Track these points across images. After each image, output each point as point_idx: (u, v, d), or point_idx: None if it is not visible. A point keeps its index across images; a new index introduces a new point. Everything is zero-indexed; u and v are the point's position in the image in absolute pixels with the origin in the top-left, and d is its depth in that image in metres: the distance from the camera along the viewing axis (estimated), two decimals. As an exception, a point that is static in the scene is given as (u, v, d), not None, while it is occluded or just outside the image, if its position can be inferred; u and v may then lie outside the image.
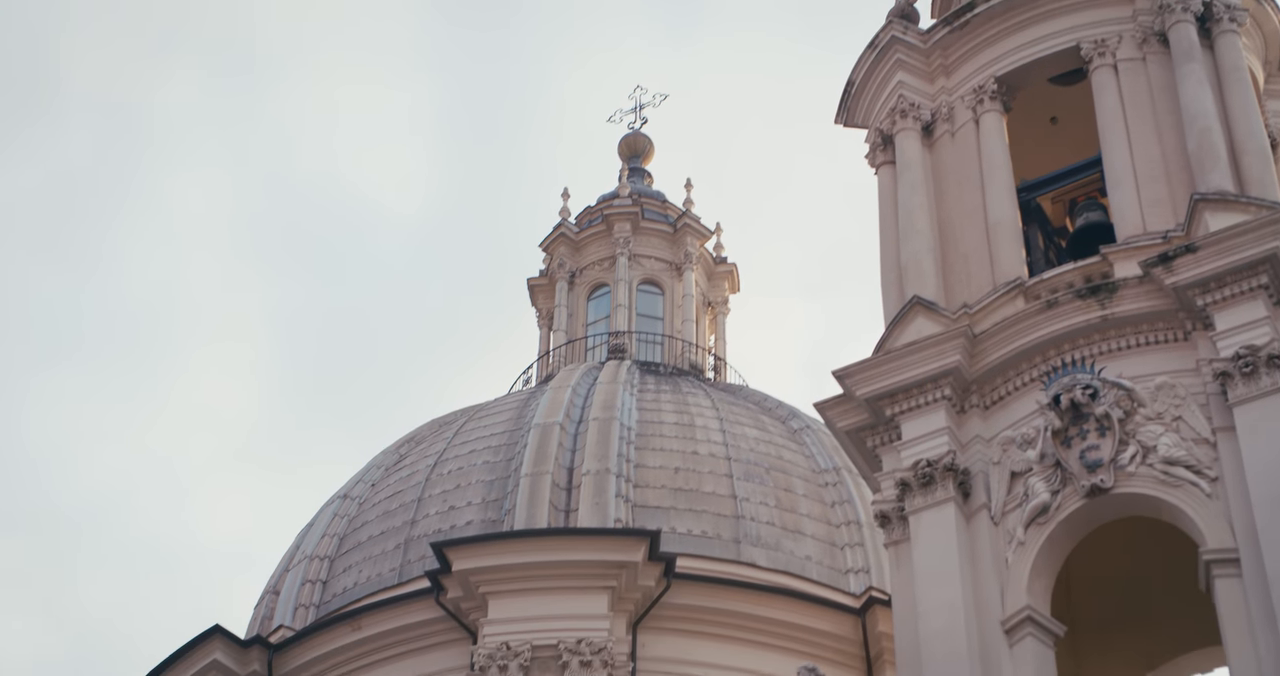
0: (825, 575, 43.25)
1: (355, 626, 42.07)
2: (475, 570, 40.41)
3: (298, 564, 46.52)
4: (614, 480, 43.87)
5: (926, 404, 31.16)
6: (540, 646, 39.53)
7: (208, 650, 42.29)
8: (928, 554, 29.84)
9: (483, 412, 49.05)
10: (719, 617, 40.53)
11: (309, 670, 42.15)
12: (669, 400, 47.79)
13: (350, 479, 49.30)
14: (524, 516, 43.28)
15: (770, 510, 44.29)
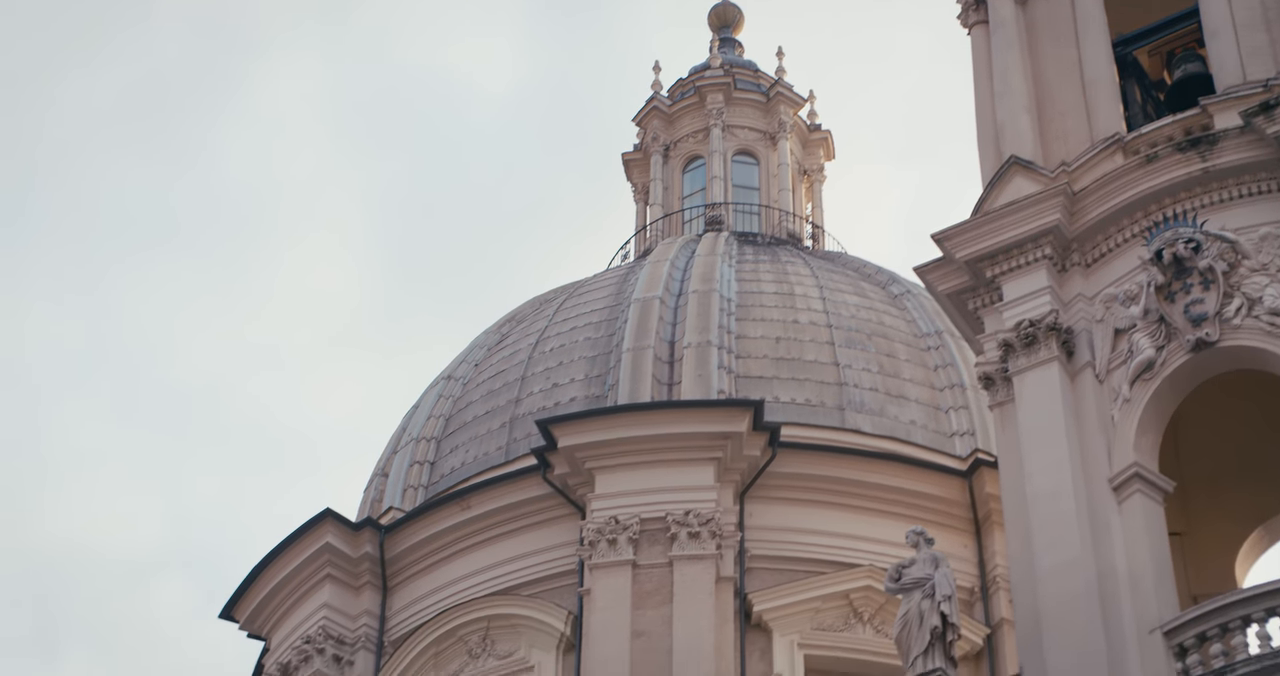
0: (930, 439, 43.15)
1: (464, 506, 42.36)
2: (581, 446, 40.56)
3: (405, 446, 46.85)
4: (715, 352, 43.85)
5: (1027, 264, 31.01)
6: (648, 519, 39.69)
7: (319, 534, 42.72)
8: (1033, 414, 29.78)
9: (582, 289, 49.06)
10: (825, 485, 40.54)
11: (420, 550, 42.51)
12: (768, 270, 47.63)
13: (453, 360, 49.50)
14: (627, 391, 43.37)
15: (873, 376, 44.17)
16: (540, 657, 39.71)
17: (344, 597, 42.69)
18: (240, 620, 44.40)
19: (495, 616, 40.67)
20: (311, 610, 42.62)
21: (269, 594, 43.61)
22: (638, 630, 38.56)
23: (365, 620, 42.39)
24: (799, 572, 39.64)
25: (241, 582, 44.05)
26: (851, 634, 39.10)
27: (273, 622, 43.78)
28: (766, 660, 38.62)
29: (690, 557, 39.10)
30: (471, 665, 40.47)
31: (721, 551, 39.24)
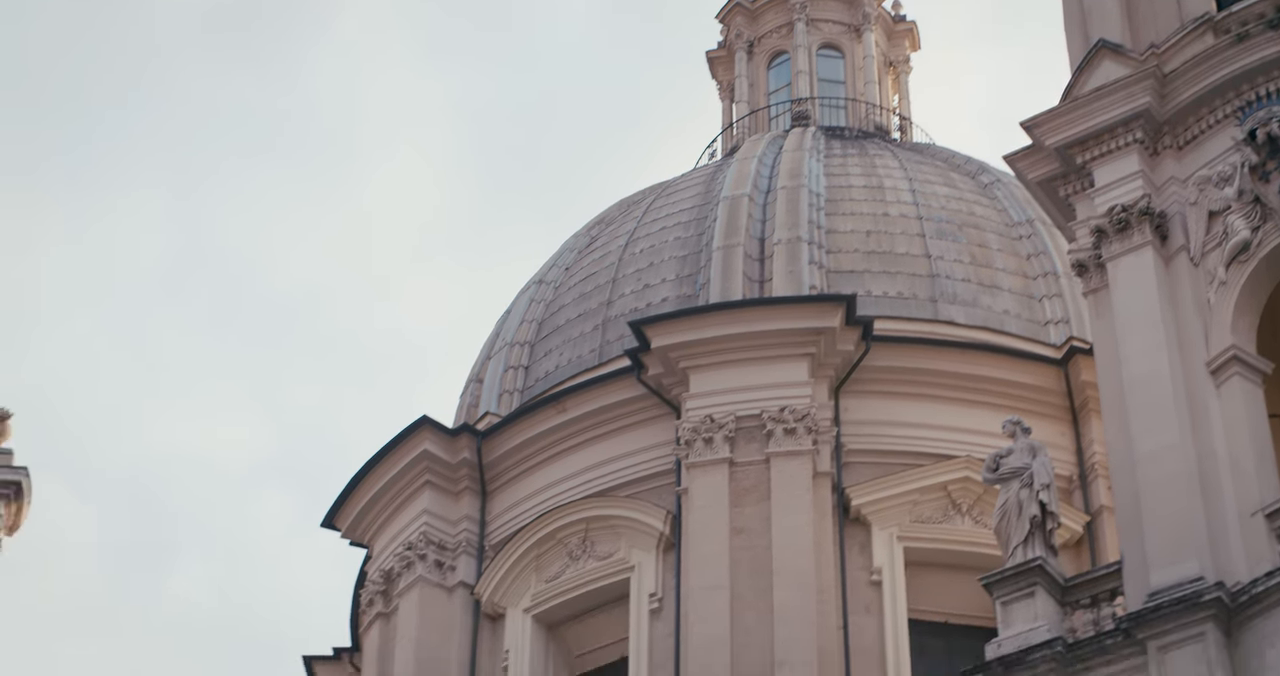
0: (1024, 328, 42.90)
1: (560, 409, 42.48)
2: (674, 346, 40.56)
3: (499, 351, 46.99)
4: (806, 247, 43.67)
5: (1118, 148, 30.72)
6: (744, 417, 39.69)
7: (417, 441, 42.95)
8: (1128, 299, 29.56)
9: (670, 189, 48.93)
10: (920, 377, 40.40)
11: (517, 454, 42.70)
12: (856, 163, 47.35)
13: (544, 264, 49.53)
14: (718, 289, 43.29)
15: (965, 267, 43.91)
16: (640, 557, 39.90)
17: (443, 503, 42.97)
18: (342, 528, 44.77)
19: (594, 518, 40.85)
20: (412, 516, 42.93)
21: (369, 502, 43.95)
22: (736, 527, 38.66)
23: (465, 525, 42.66)
24: (896, 466, 39.60)
25: (341, 491, 44.41)
26: (950, 525, 39.07)
27: (374, 530, 44.14)
28: (866, 554, 38.66)
29: (787, 454, 39.11)
30: (572, 566, 40.70)
31: (818, 447, 39.23)
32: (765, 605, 37.43)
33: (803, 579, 37.58)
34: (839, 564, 38.28)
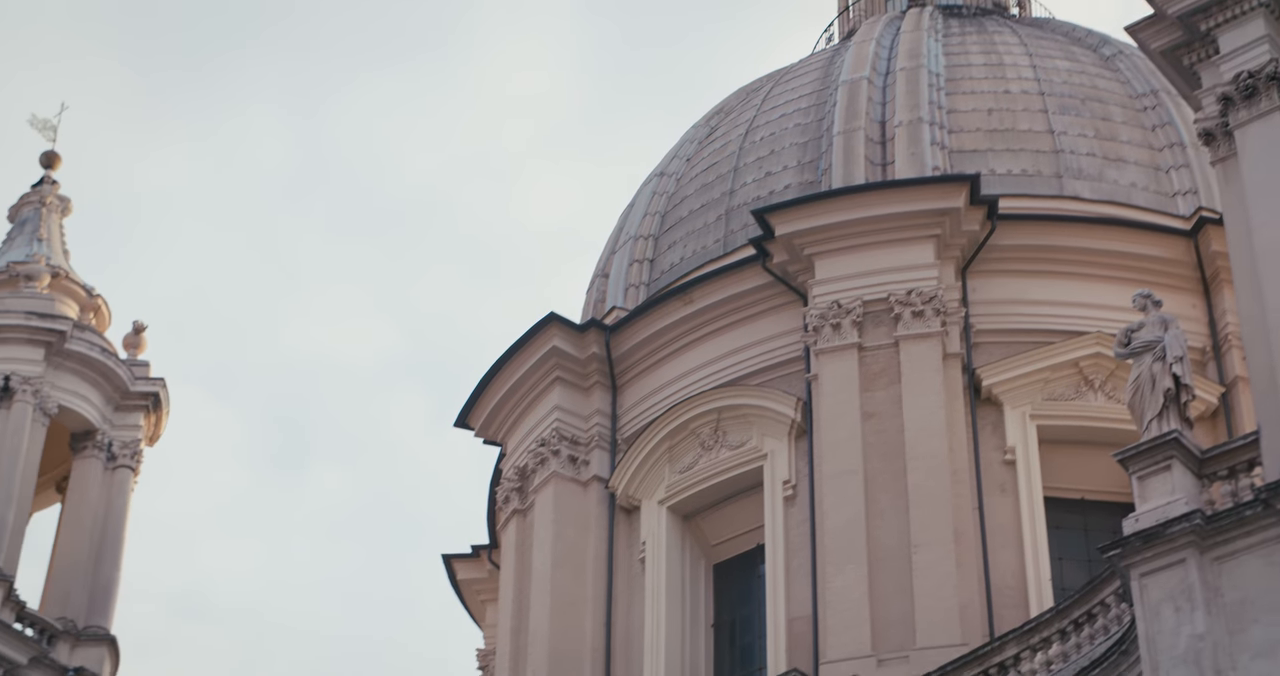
0: (1152, 200, 42.37)
1: (686, 300, 42.47)
2: (798, 233, 40.39)
3: (623, 245, 46.97)
4: (927, 128, 43.27)
5: (1243, 13, 30.15)
6: (871, 301, 39.53)
7: (546, 338, 43.09)
8: (1257, 166, 29.10)
9: (788, 76, 48.58)
10: (1047, 254, 40.04)
11: (645, 347, 42.77)
12: (975, 42, 46.78)
13: (665, 156, 49.39)
14: (841, 174, 43.03)
15: (1089, 141, 43.37)
16: (773, 445, 39.93)
17: (575, 398, 43.14)
18: (475, 427, 45.06)
19: (725, 407, 40.89)
20: (544, 413, 43.14)
21: (501, 400, 44.19)
22: (868, 412, 38.59)
23: (597, 419, 42.83)
24: (1026, 344, 39.33)
25: (473, 391, 44.67)
26: (1083, 402, 38.79)
27: (507, 427, 44.41)
28: (999, 433, 38.49)
29: (915, 336, 38.94)
30: (705, 457, 40.80)
31: (946, 328, 39.02)
32: (899, 488, 37.42)
33: (935, 461, 37.50)
34: (972, 445, 38.15)
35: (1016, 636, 30.37)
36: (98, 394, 48.77)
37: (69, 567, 47.00)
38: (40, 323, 48.23)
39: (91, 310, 50.73)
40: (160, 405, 50.05)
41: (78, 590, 46.68)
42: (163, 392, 50.02)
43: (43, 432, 47.49)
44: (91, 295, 50.86)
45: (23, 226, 52.11)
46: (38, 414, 47.26)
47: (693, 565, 40.80)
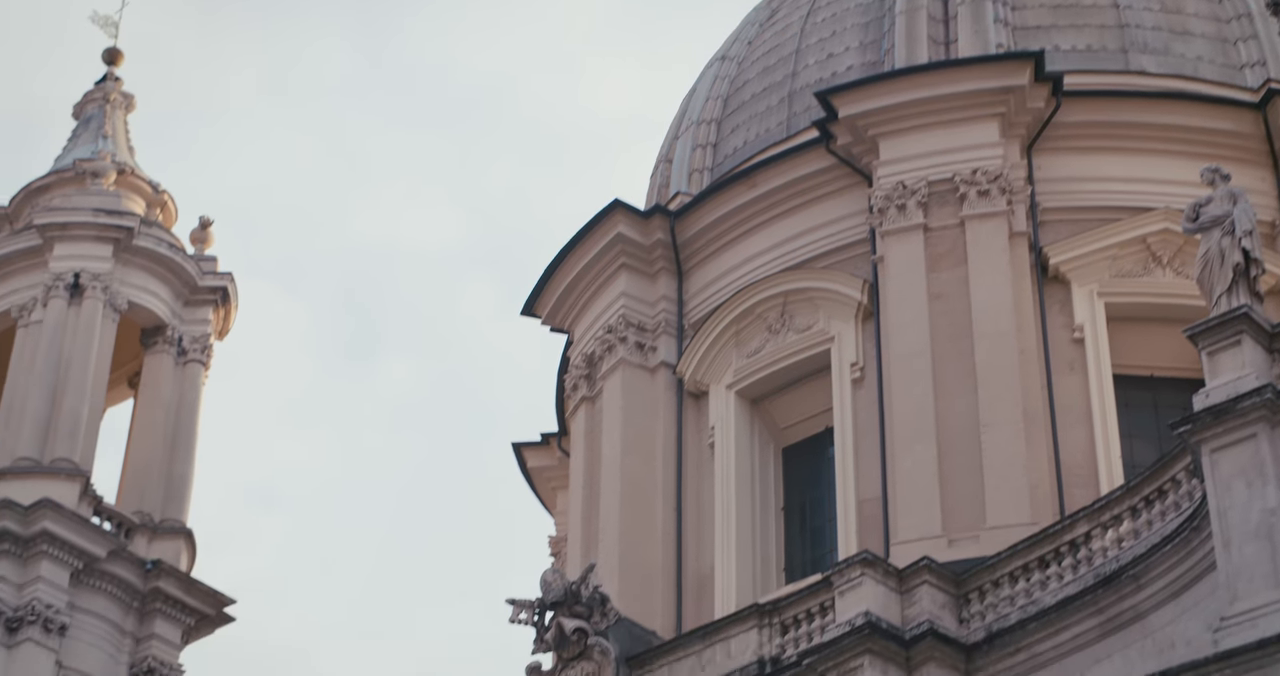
0: (1219, 73, 41.85)
1: (750, 184, 42.32)
2: (862, 114, 40.13)
3: (686, 130, 46.78)
4: (990, 5, 42.78)
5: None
6: (936, 181, 39.30)
7: (610, 224, 43.03)
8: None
9: (849, -45, 48.06)
10: (1113, 130, 39.65)
11: (710, 232, 42.67)
12: (1038, -86, 46.14)
13: (727, 39, 49.08)
14: (903, 54, 42.66)
15: (1155, 14, 42.79)
16: (839, 328, 39.86)
17: (641, 285, 43.12)
18: (542, 315, 45.13)
19: (791, 291, 40.81)
20: (610, 300, 43.17)
21: (567, 287, 44.22)
22: (934, 293, 38.46)
23: (664, 305, 42.83)
24: (1093, 221, 39.04)
25: (539, 279, 44.69)
26: (1151, 278, 38.53)
27: (573, 315, 44.46)
28: (1067, 312, 38.31)
29: (981, 216, 38.72)
30: (772, 340, 40.78)
31: (1013, 207, 38.78)
32: (967, 368, 37.33)
33: (1003, 340, 37.38)
34: (1039, 323, 38.00)
35: (1087, 514, 30.35)
36: (166, 289, 49.04)
37: (144, 462, 47.46)
38: (108, 219, 48.48)
39: (158, 206, 50.95)
40: (229, 299, 50.30)
41: (153, 484, 47.15)
42: (231, 287, 50.26)
43: (113, 329, 47.83)
44: (157, 191, 51.05)
45: (87, 124, 52.28)
46: (108, 310, 47.58)
47: (762, 449, 40.88)
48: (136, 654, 44.62)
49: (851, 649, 29.85)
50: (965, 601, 30.89)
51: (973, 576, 31.00)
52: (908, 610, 30.63)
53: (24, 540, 43.13)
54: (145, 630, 44.99)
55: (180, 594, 45.43)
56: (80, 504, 44.50)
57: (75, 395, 45.97)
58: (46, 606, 42.73)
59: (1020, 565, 30.64)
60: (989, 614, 30.49)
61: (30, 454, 45.04)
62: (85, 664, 43.44)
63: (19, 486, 44.09)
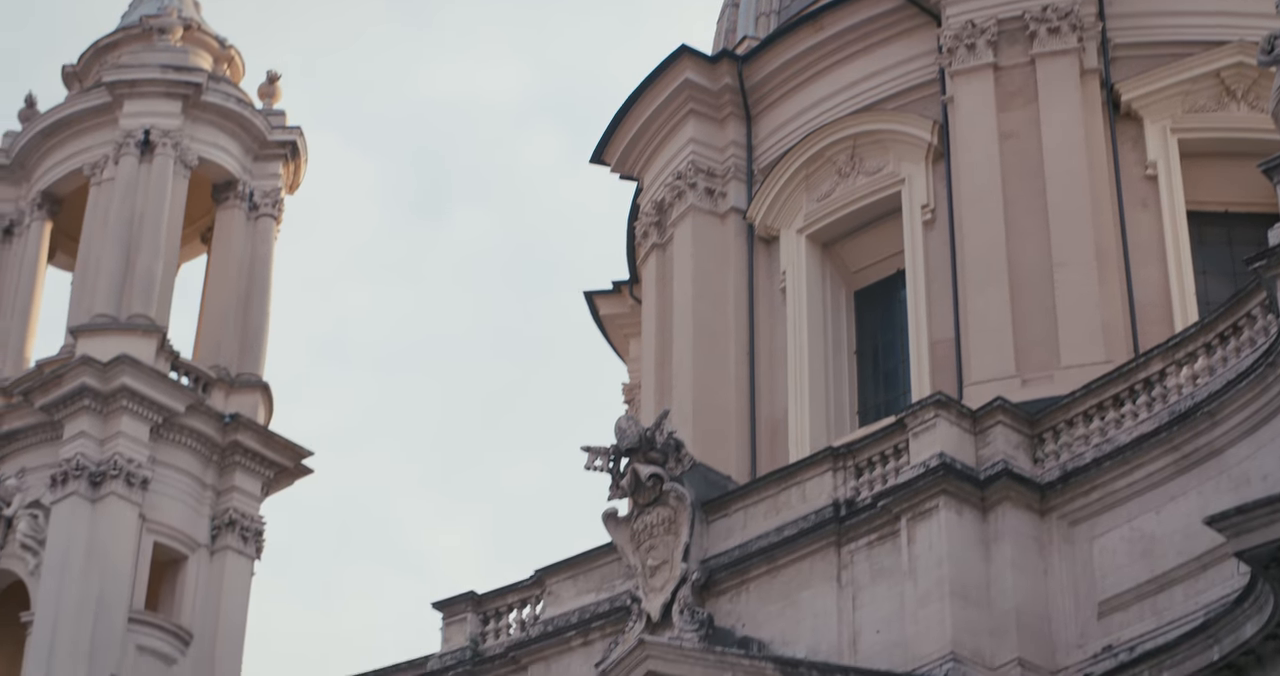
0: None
1: (817, 27, 41.98)
2: (929, -48, 39.73)
3: (752, -26, 46.37)
4: None
5: None
6: (1005, 19, 38.91)
7: (678, 70, 42.82)
8: None
9: None
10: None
11: (778, 76, 42.41)
12: None
13: (790, -120, 48.42)
14: (970, -110, 42.01)
15: None
16: (910, 169, 39.66)
17: (709, 131, 42.96)
18: (611, 163, 45.05)
19: (861, 134, 40.60)
20: (679, 146, 43.05)
21: (636, 134, 44.10)
22: (1005, 132, 38.19)
23: (732, 151, 42.69)
24: (1165, 57, 38.56)
25: (608, 126, 44.58)
26: (1225, 113, 38.08)
27: (642, 162, 44.37)
28: (1139, 149, 37.98)
29: (1052, 53, 38.34)
30: (842, 184, 40.62)
31: (1083, 44, 38.36)
32: (1039, 207, 37.14)
33: (1075, 178, 37.14)
34: (1112, 161, 37.71)
35: (1161, 352, 30.25)
36: (236, 144, 49.08)
37: (218, 317, 47.76)
38: (176, 75, 48.43)
39: (225, 61, 50.85)
40: (298, 153, 50.32)
41: (228, 338, 47.46)
42: (300, 141, 50.25)
43: (184, 185, 47.94)
44: (224, 46, 50.94)
45: (153, -20, 52.09)
46: (178, 166, 47.68)
47: (833, 292, 40.85)
48: (218, 506, 45.12)
49: (926, 490, 29.98)
50: (1039, 441, 30.92)
51: (1047, 416, 31.00)
52: (982, 450, 30.69)
53: (103, 396, 43.55)
54: (225, 483, 45.45)
55: (259, 447, 45.83)
56: (158, 359, 44.82)
57: (149, 252, 46.19)
58: (128, 461, 43.19)
59: (1094, 404, 30.61)
60: (1063, 453, 30.52)
61: (107, 311, 45.34)
62: (168, 517, 43.95)
63: (97, 343, 44.43)
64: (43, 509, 43.43)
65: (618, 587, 33.68)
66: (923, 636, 29.20)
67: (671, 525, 32.55)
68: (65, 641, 41.35)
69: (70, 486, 43.09)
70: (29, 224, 48.60)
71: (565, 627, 34.04)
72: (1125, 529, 29.28)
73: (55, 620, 41.64)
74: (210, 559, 44.87)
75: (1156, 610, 28.39)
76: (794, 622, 31.15)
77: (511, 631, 35.41)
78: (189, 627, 43.61)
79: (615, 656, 31.99)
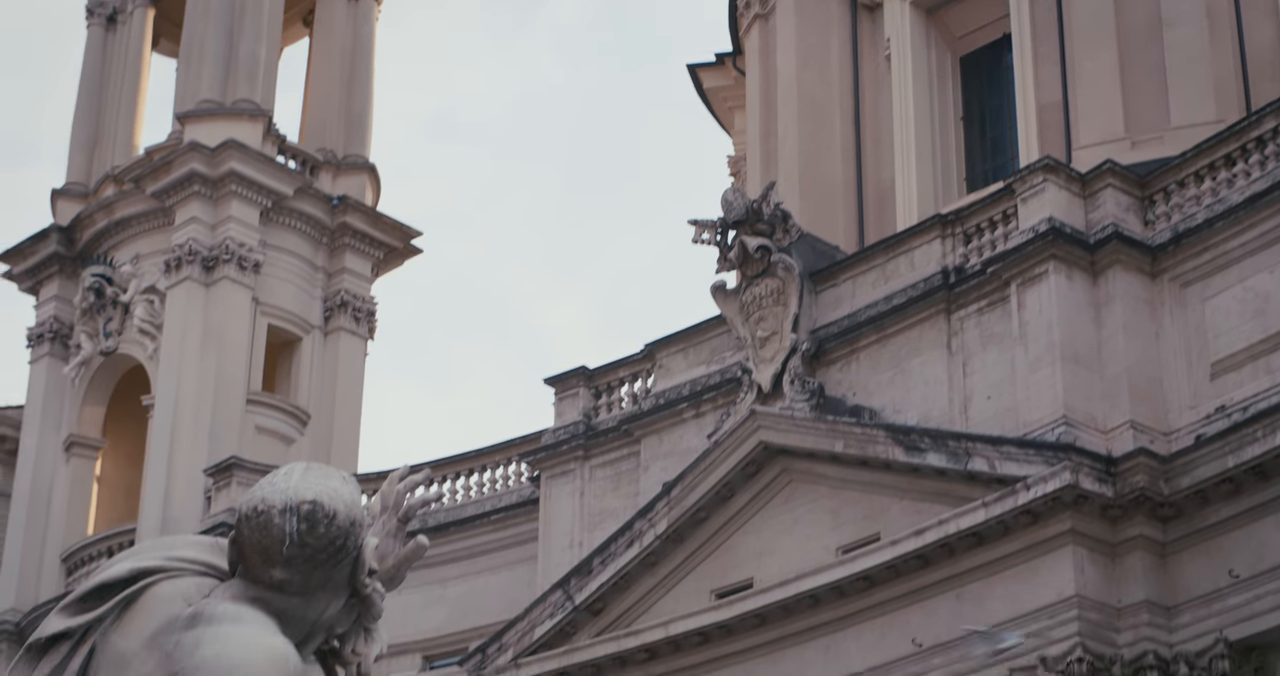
0: None
1: None
2: None
3: None
4: None
5: None
6: None
7: None
8: None
9: None
10: None
11: None
12: None
13: None
14: None
15: None
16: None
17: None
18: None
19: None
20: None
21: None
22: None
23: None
24: None
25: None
26: None
27: (743, -69, 43.78)
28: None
29: None
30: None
31: None
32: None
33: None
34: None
35: (1275, 109, 29.79)
36: (333, -75, 48.79)
37: (323, 99, 47.83)
38: None
39: None
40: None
41: (333, 121, 47.56)
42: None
43: (284, -33, 47.79)
44: None
45: None
46: (278, -51, 47.46)
47: (938, 58, 40.34)
48: (329, 288, 45.53)
49: (1036, 255, 29.83)
50: (1150, 203, 30.65)
51: (1157, 177, 30.69)
52: (1091, 214, 30.46)
53: (213, 181, 43.85)
54: (336, 265, 45.84)
55: (367, 228, 46.13)
56: (264, 143, 45.00)
57: (252, 36, 46.15)
58: (239, 245, 43.59)
59: (1206, 164, 30.25)
60: (1174, 214, 30.25)
61: (212, 96, 45.47)
62: (280, 300, 44.42)
63: (204, 129, 44.63)
64: (158, 294, 44.01)
65: (728, 359, 33.87)
66: (1034, 401, 29.26)
67: (780, 296, 32.61)
68: (186, 423, 42.12)
69: (184, 271, 43.60)
70: (132, 11, 48.64)
71: (676, 400, 34.30)
72: (1238, 289, 29.08)
73: (175, 403, 42.38)
74: (324, 340, 45.44)
75: (1270, 369, 28.30)
76: (904, 390, 31.28)
77: (623, 405, 35.75)
78: (305, 408, 44.30)
79: (727, 427, 32.28)
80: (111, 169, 46.72)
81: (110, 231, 45.27)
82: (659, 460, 34.05)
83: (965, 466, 29.09)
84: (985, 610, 28.45)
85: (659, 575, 32.71)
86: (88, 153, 47.73)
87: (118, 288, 44.41)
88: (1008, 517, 28.22)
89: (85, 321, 44.75)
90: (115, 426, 45.16)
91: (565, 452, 35.41)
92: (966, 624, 27.93)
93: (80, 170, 47.52)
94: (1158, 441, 28.54)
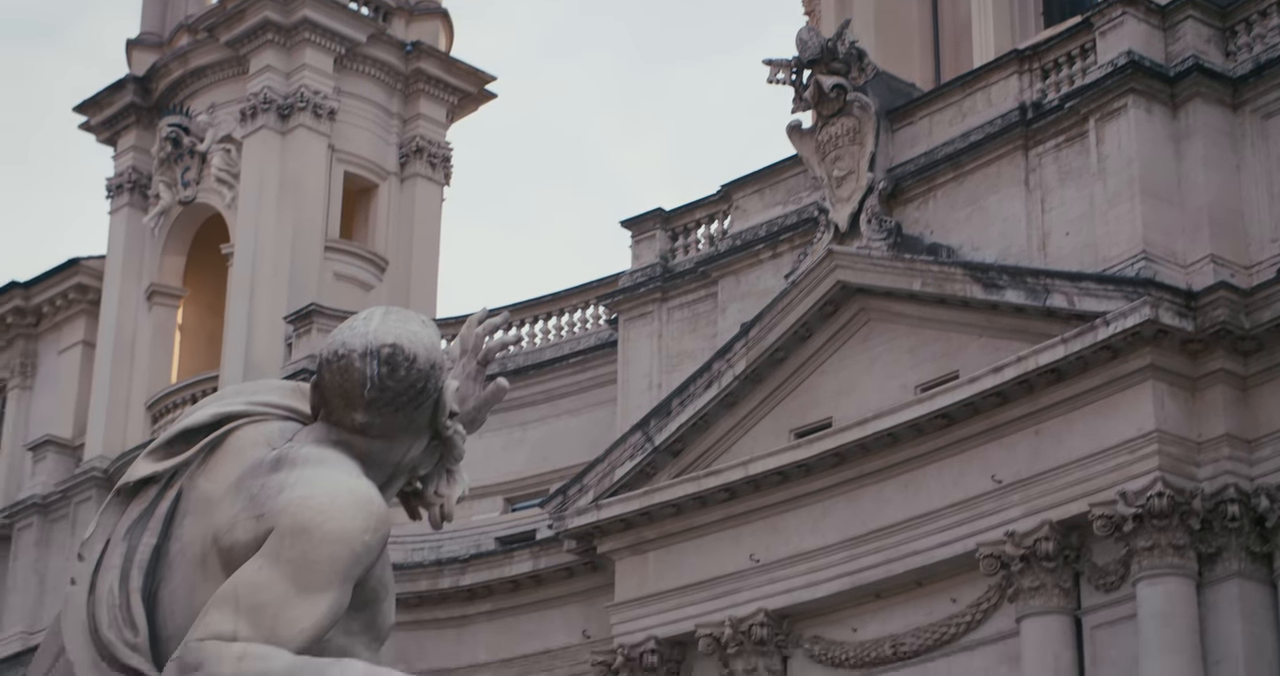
0: None
1: None
2: None
3: None
4: None
5: None
6: None
7: None
8: None
9: None
10: None
11: None
12: None
13: None
14: None
15: None
16: None
17: None
18: None
19: None
20: None
21: None
22: None
23: None
24: None
25: None
26: None
27: None
28: None
29: None
30: None
31: None
32: None
33: None
34: None
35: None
36: None
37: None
38: None
39: None
40: None
41: None
42: None
43: None
44: None
45: None
46: None
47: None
48: (404, 134, 45.49)
49: (1115, 89, 29.52)
50: (1231, 33, 30.22)
51: (1239, 7, 30.24)
52: (1171, 46, 30.08)
53: (285, 29, 43.74)
54: (411, 111, 45.74)
55: (441, 73, 45.97)
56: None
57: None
58: (314, 93, 43.54)
59: (1289, -7, 29.77)
60: (1256, 45, 29.83)
61: (282, -57, 45.28)
62: (356, 146, 44.44)
63: (275, -24, 44.51)
64: (235, 143, 44.09)
65: (804, 199, 33.77)
66: (1113, 236, 29.10)
67: (856, 135, 32.42)
68: (265, 271, 42.35)
69: (260, 120, 43.63)
70: None
71: (753, 241, 34.26)
72: (1321, 119, 28.76)
73: (254, 251, 42.59)
74: (400, 186, 45.48)
75: (1353, 200, 28.04)
76: (982, 227, 31.14)
77: (700, 246, 35.74)
78: (383, 254, 44.46)
79: (804, 267, 32.25)
80: (185, 18, 46.66)
81: (186, 81, 45.29)
82: (736, 301, 34.08)
83: (1044, 303, 29.02)
84: (1065, 446, 28.51)
85: (738, 415, 32.87)
86: (162, 2, 47.69)
87: (194, 137, 44.49)
88: (1087, 353, 28.18)
89: (163, 171, 44.89)
90: (195, 275, 45.45)
91: (643, 295, 35.48)
92: (1046, 460, 28.00)
93: (154, 19, 47.50)
94: (1238, 275, 28.36)
